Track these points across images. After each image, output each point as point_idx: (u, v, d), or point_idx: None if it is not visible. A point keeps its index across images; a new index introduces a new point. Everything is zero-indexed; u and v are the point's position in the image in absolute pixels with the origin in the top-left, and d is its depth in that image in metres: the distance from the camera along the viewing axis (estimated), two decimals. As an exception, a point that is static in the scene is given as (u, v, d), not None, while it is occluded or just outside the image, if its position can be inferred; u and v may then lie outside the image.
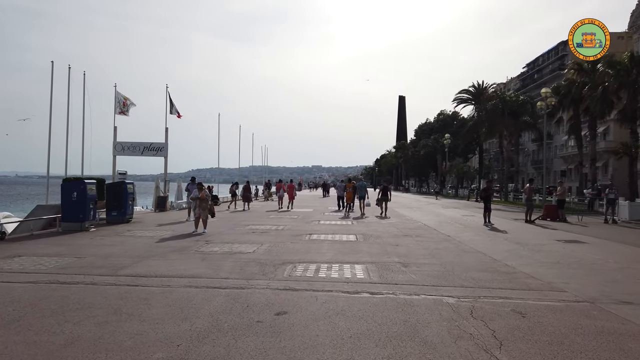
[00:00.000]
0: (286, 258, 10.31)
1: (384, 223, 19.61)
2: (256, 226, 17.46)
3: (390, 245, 12.63)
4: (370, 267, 9.31)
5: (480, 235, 15.50)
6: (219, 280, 7.89)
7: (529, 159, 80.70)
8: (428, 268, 9.39)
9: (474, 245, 12.89)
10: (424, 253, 11.41)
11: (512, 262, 10.31)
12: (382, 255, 10.99)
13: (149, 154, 25.41)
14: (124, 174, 19.80)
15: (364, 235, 15.02)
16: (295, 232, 15.50)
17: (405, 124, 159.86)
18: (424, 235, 15.31)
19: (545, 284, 8.06)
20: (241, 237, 14.11)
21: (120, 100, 25.63)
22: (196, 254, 10.69)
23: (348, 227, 17.51)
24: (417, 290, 7.44)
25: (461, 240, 14.14)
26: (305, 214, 24.73)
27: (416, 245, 12.86)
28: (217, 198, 32.57)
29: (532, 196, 21.36)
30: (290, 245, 12.36)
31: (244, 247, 11.94)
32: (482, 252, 11.75)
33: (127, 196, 17.83)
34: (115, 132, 25.48)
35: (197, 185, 15.51)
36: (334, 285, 7.63)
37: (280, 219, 21.05)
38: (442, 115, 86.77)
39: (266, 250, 11.38)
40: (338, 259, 10.32)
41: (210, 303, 6.44)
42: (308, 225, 18.06)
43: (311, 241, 13.41)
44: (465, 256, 11.04)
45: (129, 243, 12.54)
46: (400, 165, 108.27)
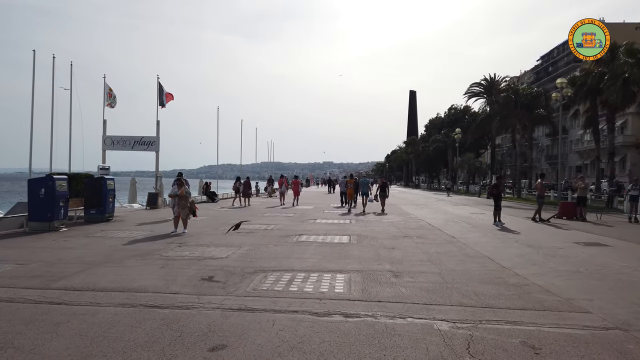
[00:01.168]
0: (260, 265, 8.91)
1: (385, 222, 18.13)
2: (245, 225, 16.04)
3: (385, 249, 11.18)
4: (355, 278, 7.87)
5: (488, 237, 13.97)
6: (164, 296, 6.52)
7: (543, 154, 78.52)
8: (423, 278, 7.94)
9: (481, 249, 11.39)
10: (421, 258, 9.94)
11: (524, 270, 8.81)
12: (372, 261, 9.55)
13: (140, 149, 24.16)
14: (107, 169, 18.59)
15: (359, 236, 13.58)
16: (284, 233, 14.11)
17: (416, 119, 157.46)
18: (426, 236, 13.82)
19: (564, 302, 6.56)
20: (221, 238, 12.75)
21: (107, 91, 24.42)
22: (158, 260, 9.34)
23: (344, 227, 16.07)
24: (404, 310, 6.00)
25: (467, 242, 12.63)
26: (304, 211, 23.34)
27: (414, 248, 11.39)
28: (215, 195, 31.32)
29: (543, 193, 19.69)
30: (271, 249, 10.97)
31: (219, 251, 10.57)
32: (489, 257, 10.25)
33: (106, 193, 16.56)
34: (105, 125, 24.30)
35: (176, 182, 14.18)
36: (302, 304, 6.21)
37: (275, 217, 19.68)
38: (453, 110, 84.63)
39: (241, 255, 10.00)
40: (320, 266, 8.90)
41: (134, 331, 5.06)
42: (301, 225, 16.66)
43: (298, 243, 12.01)
44: (469, 263, 9.55)
45: (92, 246, 11.24)
46: (411, 161, 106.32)
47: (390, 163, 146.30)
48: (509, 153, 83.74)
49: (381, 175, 28.19)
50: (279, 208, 25.89)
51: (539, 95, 42.35)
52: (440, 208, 27.84)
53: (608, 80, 32.83)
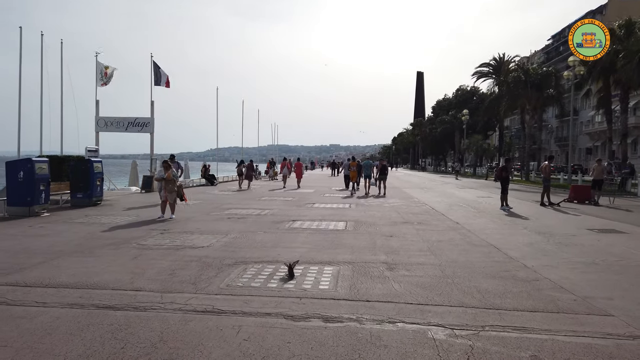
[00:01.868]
0: (242, 256, 8.11)
1: (386, 206, 17.28)
2: (238, 210, 15.31)
3: (382, 237, 10.34)
4: (344, 271, 7.05)
5: (495, 223, 13.10)
6: (123, 294, 5.74)
7: (552, 136, 76.99)
8: (420, 272, 7.11)
9: (486, 237, 10.53)
10: (421, 248, 9.10)
11: (533, 261, 7.96)
12: (366, 251, 8.73)
13: (134, 130, 23.37)
14: (95, 151, 17.81)
15: (356, 222, 12.75)
16: (278, 218, 13.31)
17: (423, 101, 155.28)
18: (428, 222, 12.97)
19: (581, 301, 5.71)
20: (209, 224, 11.98)
21: (101, 70, 23.54)
22: (133, 250, 8.56)
23: (342, 212, 15.24)
24: (394, 312, 5.18)
25: (471, 229, 11.77)
26: (303, 195, 22.53)
27: (414, 236, 10.54)
28: (215, 178, 30.55)
29: (550, 176, 18.61)
30: (260, 237, 10.17)
31: (202, 239, 9.78)
32: (495, 246, 9.39)
33: (93, 176, 15.80)
34: (98, 106, 23.45)
35: (163, 164, 13.37)
36: (278, 305, 5.41)
37: (272, 201, 18.88)
38: (460, 91, 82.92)
39: (225, 244, 9.20)
40: (308, 257, 8.09)
41: (71, 341, 4.28)
42: (297, 210, 15.85)
43: (289, 230, 11.20)
44: (473, 252, 8.70)
45: (68, 233, 10.49)
46: (417, 143, 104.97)
47: (396, 145, 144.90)
48: (517, 135, 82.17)
49: (382, 159, 27.74)
50: (279, 191, 25.10)
51: (549, 74, 40.91)
52: (446, 191, 26.92)
53: (623, 58, 31.46)
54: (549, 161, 18.85)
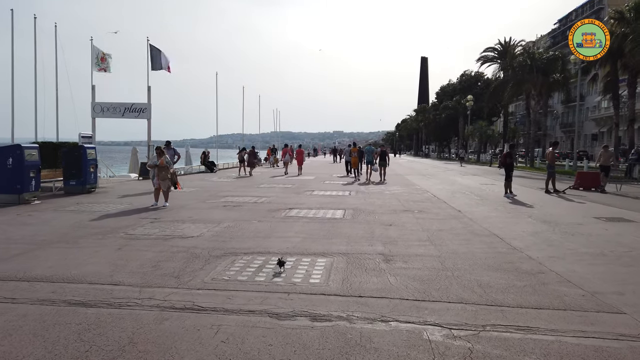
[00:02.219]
0: (233, 246, 7.75)
1: (387, 194, 16.87)
2: (234, 198, 14.95)
3: (381, 226, 9.95)
4: (338, 263, 6.68)
5: (498, 211, 12.68)
6: (100, 289, 5.38)
7: (558, 122, 76.10)
8: (418, 263, 6.72)
9: (489, 226, 10.12)
10: (420, 237, 8.71)
11: (538, 252, 7.56)
12: (363, 241, 8.34)
13: (131, 116, 22.89)
14: (89, 137, 17.44)
15: (355, 210, 12.36)
16: (274, 207, 12.93)
17: (427, 86, 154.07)
18: (429, 210, 12.56)
19: (589, 297, 5.32)
20: (202, 213, 11.61)
21: (98, 55, 23.06)
22: (119, 240, 8.21)
23: (341, 200, 14.84)
24: (388, 309, 4.80)
25: (474, 217, 11.36)
26: (303, 182, 22.14)
27: (414, 225, 10.15)
28: (214, 164, 30.17)
29: (554, 162, 18.10)
30: (253, 226, 9.80)
31: (193, 228, 9.42)
32: (498, 235, 8.99)
33: (86, 163, 15.43)
34: (94, 91, 22.99)
35: (156, 150, 12.98)
36: (264, 301, 5.04)
37: (270, 189, 18.50)
38: (465, 77, 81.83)
39: (216, 234, 8.84)
40: (302, 247, 7.72)
41: (33, 342, 3.92)
42: (296, 197, 15.47)
43: (285, 219, 10.83)
44: (475, 243, 8.31)
45: (55, 222, 10.14)
46: (421, 129, 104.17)
47: (400, 132, 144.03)
48: (522, 121, 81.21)
49: (382, 145, 27.51)
50: (280, 178, 24.71)
51: (555, 59, 40.08)
52: (448, 178, 26.47)
53: (631, 42, 30.66)
54: (553, 147, 18.34)
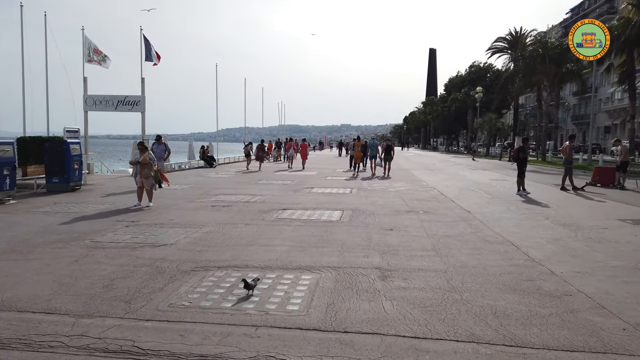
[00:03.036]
0: (207, 258, 6.74)
1: (390, 192, 15.79)
2: (227, 196, 13.95)
3: (381, 231, 8.90)
4: (325, 281, 5.66)
5: (511, 212, 11.57)
6: (27, 319, 4.39)
7: (569, 114, 74.35)
8: (421, 281, 5.68)
9: (502, 230, 9.04)
10: (424, 246, 7.66)
11: (561, 265, 6.49)
12: (359, 250, 7.30)
13: (124, 109, 21.93)
14: (75, 131, 16.52)
15: (354, 211, 11.31)
16: (267, 207, 11.92)
17: (435, 79, 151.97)
18: (435, 210, 11.48)
19: (632, 331, 4.25)
20: (187, 215, 10.62)
21: (90, 46, 22.08)
22: (79, 249, 7.22)
23: (340, 199, 13.79)
24: (379, 353, 3.78)
25: (484, 219, 10.27)
26: (304, 178, 21.11)
27: (418, 229, 9.08)
28: (214, 159, 29.19)
29: (572, 157, 16.93)
30: (238, 231, 8.79)
31: (170, 233, 8.43)
32: (512, 242, 7.91)
33: (70, 159, 14.47)
34: (86, 83, 22.02)
35: (138, 146, 12.00)
36: (223, 339, 4.03)
37: (268, 186, 17.49)
38: (473, 68, 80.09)
39: (193, 241, 7.83)
40: (287, 258, 6.70)
41: None
42: (292, 196, 14.44)
43: (276, 222, 9.80)
44: (487, 252, 7.24)
45: (21, 225, 9.19)
46: (429, 122, 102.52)
47: (408, 125, 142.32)
48: (532, 113, 79.41)
49: (388, 139, 26.89)
50: (281, 174, 23.68)
51: (569, 48, 38.47)
52: (457, 173, 25.31)
53: (650, 30, 29.19)
54: (570, 141, 17.12)
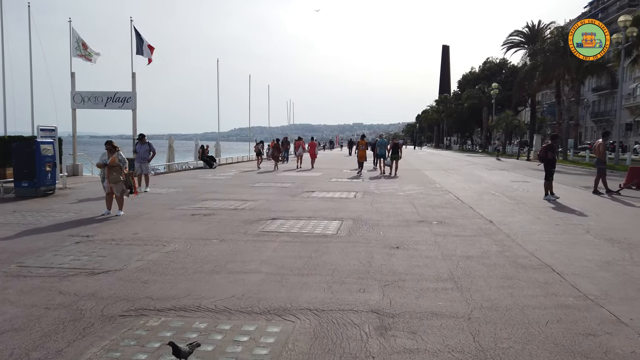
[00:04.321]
0: (150, 294, 5.10)
1: (400, 196, 14.05)
2: (214, 202, 12.34)
3: (384, 249, 7.19)
4: (298, 338, 3.97)
5: (542, 222, 9.77)
6: None
7: (588, 111, 71.68)
8: (435, 339, 3.97)
9: (536, 248, 7.28)
10: (438, 272, 5.94)
11: (628, 307, 4.74)
12: (354, 279, 5.62)
13: (114, 106, 20.52)
14: (50, 130, 15.05)
15: (355, 221, 9.61)
16: (255, 215, 10.27)
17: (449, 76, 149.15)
18: (451, 220, 9.73)
19: None
20: (156, 227, 9.02)
21: (79, 40, 20.66)
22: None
23: (342, 205, 12.08)
24: None
25: (511, 232, 8.52)
26: (307, 179, 19.46)
27: (431, 247, 7.36)
28: (214, 159, 27.64)
29: (605, 157, 15.04)
30: (209, 249, 7.15)
31: (122, 254, 6.80)
32: (553, 268, 6.16)
33: (40, 160, 12.99)
34: (74, 79, 20.65)
35: (107, 146, 10.43)
36: None
37: (265, 188, 15.85)
38: (488, 64, 77.71)
39: (145, 267, 6.20)
40: (257, 295, 5.04)
41: None
42: (288, 201, 12.78)
43: (259, 236, 8.15)
44: (522, 285, 5.51)
45: (-51, 242, 7.64)
46: (442, 120, 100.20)
47: (420, 123, 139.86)
48: (549, 111, 76.90)
49: (394, 138, 25.83)
50: (283, 175, 22.04)
51: (592, 40, 36.31)
52: (473, 174, 23.44)
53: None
54: (603, 139, 15.18)
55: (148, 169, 15.06)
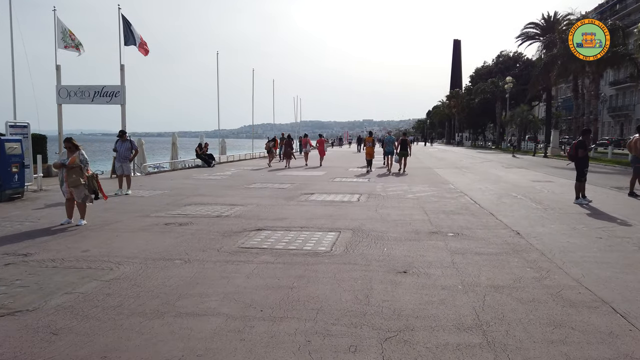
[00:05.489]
0: (51, 355, 3.60)
1: (409, 199, 12.46)
2: (197, 207, 10.85)
3: (389, 275, 5.62)
4: None
5: (580, 234, 8.14)
6: None
7: (605, 106, 69.29)
8: None
9: (583, 273, 5.67)
10: (459, 314, 4.37)
11: None
12: (345, 326, 4.06)
13: (101, 101, 19.10)
14: (22, 127, 13.67)
15: (356, 232, 8.05)
16: (238, 225, 8.76)
17: (460, 71, 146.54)
18: (470, 232, 8.13)
19: None
20: (115, 242, 7.54)
21: (65, 30, 19.26)
22: None
23: (342, 210, 10.51)
24: None
25: (546, 248, 6.91)
26: (308, 179, 17.94)
27: (448, 269, 5.78)
28: (212, 157, 26.17)
29: (642, 154, 13.34)
30: (165, 276, 5.64)
31: (52, 283, 5.33)
32: (613, 305, 4.57)
33: (5, 161, 11.60)
34: (59, 72, 19.27)
35: (65, 144, 9.02)
36: None
37: (259, 190, 14.34)
38: (502, 57, 75.62)
39: (67, 304, 4.70)
40: (203, 357, 3.52)
41: None
42: (281, 206, 11.24)
43: (234, 255, 6.62)
44: (580, 338, 3.92)
45: None
46: (454, 115, 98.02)
47: (431, 119, 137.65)
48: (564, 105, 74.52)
49: (404, 134, 24.59)
50: (284, 174, 20.54)
51: (616, 29, 34.31)
52: (489, 173, 21.75)
53: None
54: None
55: (130, 169, 13.62)
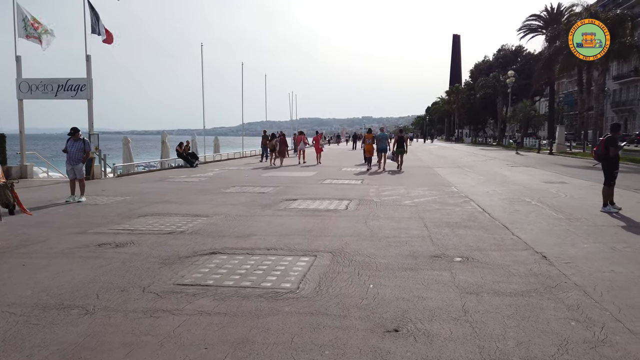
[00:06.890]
0: None
1: (406, 205, 10.64)
2: (151, 219, 9.04)
3: (372, 339, 3.79)
4: None
5: (624, 257, 6.31)
6: None
7: (608, 101, 67.51)
8: None
9: (656, 333, 3.87)
10: None
11: None
12: None
13: (66, 96, 17.30)
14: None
15: (336, 256, 6.22)
16: (187, 248, 6.95)
17: (459, 67, 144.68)
18: (482, 255, 6.31)
19: None
20: (11, 274, 5.73)
21: (26, 19, 17.40)
22: None
23: (326, 223, 8.68)
24: None
25: (586, 282, 5.11)
26: (294, 181, 16.15)
27: (458, 327, 3.95)
28: (196, 157, 24.35)
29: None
30: (45, 339, 3.82)
31: None
32: None
33: None
34: (19, 64, 17.45)
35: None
36: None
37: (235, 196, 12.51)
38: (502, 52, 73.75)
39: None
40: None
41: None
42: (252, 219, 9.41)
43: (161, 299, 4.80)
44: None
45: None
46: (453, 111, 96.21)
47: (430, 116, 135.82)
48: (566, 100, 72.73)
49: (400, 131, 23.52)
50: (269, 175, 18.74)
51: (623, 19, 32.53)
52: (494, 172, 19.94)
53: None
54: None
55: (82, 172, 11.78)
